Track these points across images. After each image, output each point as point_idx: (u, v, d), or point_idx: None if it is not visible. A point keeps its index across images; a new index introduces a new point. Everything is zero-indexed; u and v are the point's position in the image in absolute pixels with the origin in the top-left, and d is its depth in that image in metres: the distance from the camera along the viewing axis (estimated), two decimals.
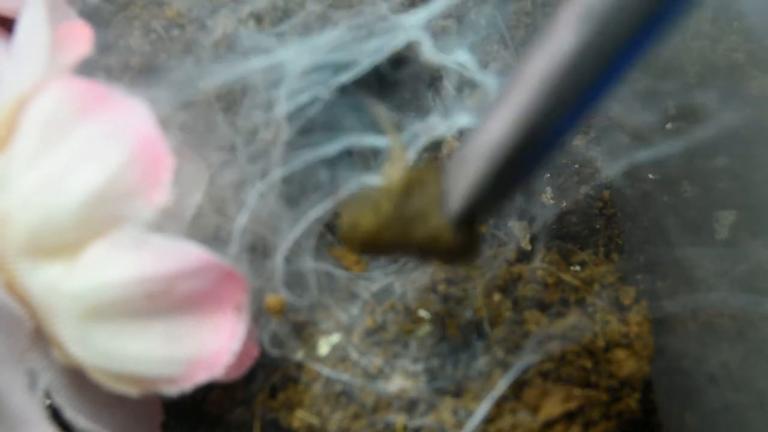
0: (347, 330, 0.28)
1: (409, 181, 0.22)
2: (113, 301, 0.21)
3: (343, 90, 0.29)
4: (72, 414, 0.23)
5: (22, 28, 0.24)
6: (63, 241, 0.21)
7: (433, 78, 0.33)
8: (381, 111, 0.29)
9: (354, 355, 0.27)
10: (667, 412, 0.30)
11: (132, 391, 0.23)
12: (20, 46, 0.24)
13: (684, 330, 0.29)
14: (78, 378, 0.23)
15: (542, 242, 0.32)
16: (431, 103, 0.33)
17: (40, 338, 0.23)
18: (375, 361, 0.27)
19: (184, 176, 0.27)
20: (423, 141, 0.29)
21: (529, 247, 0.32)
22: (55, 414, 0.24)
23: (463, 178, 0.20)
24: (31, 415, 0.23)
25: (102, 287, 0.21)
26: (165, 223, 0.23)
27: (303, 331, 0.28)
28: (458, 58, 0.29)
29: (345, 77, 0.28)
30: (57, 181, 0.21)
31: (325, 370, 0.27)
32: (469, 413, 0.26)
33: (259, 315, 0.27)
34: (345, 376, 0.27)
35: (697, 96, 0.29)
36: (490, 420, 0.26)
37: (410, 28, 0.28)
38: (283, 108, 0.27)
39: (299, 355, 0.28)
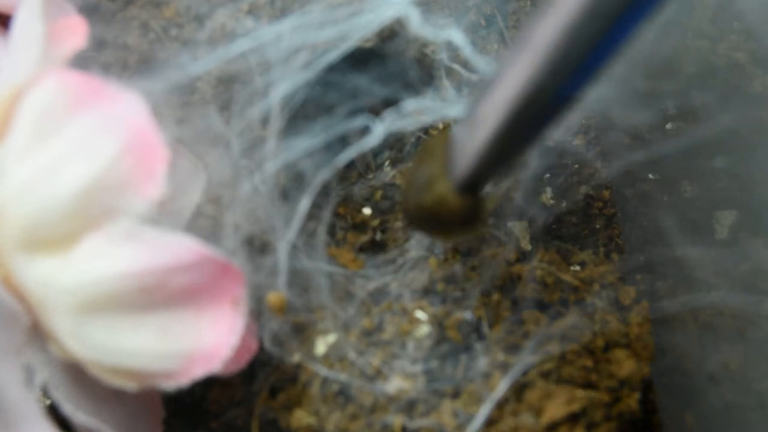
0: (344, 330, 0.28)
1: (421, 150, 0.23)
2: (107, 295, 0.21)
3: (332, 68, 0.29)
4: (71, 409, 0.23)
5: (18, 23, 0.24)
6: (57, 234, 0.21)
7: (423, 54, 0.33)
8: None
9: (351, 354, 0.27)
10: (667, 412, 0.30)
11: (129, 385, 0.23)
12: (16, 39, 0.24)
13: (684, 330, 0.29)
14: (77, 373, 0.23)
15: (542, 242, 0.32)
16: (419, 78, 0.33)
17: (38, 334, 0.23)
18: (372, 361, 0.27)
19: (183, 177, 0.27)
20: (413, 122, 0.29)
21: (528, 247, 0.32)
22: (53, 410, 0.24)
23: (468, 144, 0.21)
24: (28, 412, 0.23)
25: (96, 281, 0.21)
26: (164, 222, 0.22)
27: (301, 329, 0.28)
28: (450, 37, 0.28)
29: (333, 55, 0.28)
30: (51, 174, 0.21)
31: (323, 370, 0.27)
32: (470, 415, 0.26)
33: (258, 312, 0.27)
34: (342, 376, 0.27)
35: (697, 96, 0.29)
36: (491, 423, 0.26)
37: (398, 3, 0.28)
38: (275, 95, 0.27)
39: (297, 355, 0.27)
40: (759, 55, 0.27)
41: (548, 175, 0.34)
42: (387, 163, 0.34)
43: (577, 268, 0.31)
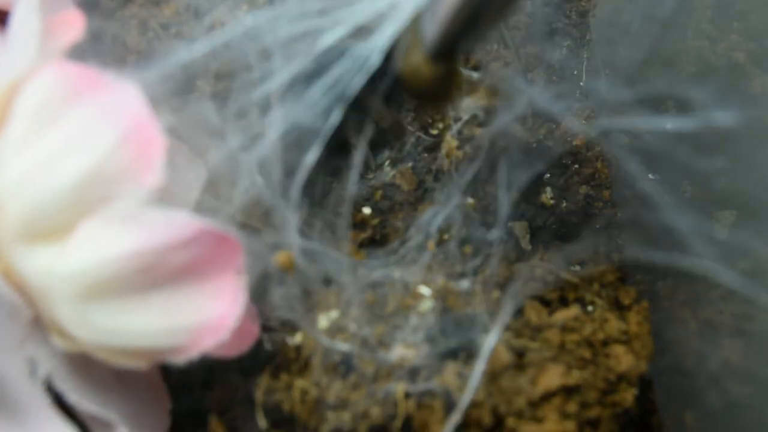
0: (346, 306, 0.27)
1: (408, 26, 0.25)
2: (108, 278, 0.21)
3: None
4: (76, 399, 0.23)
5: (16, 17, 0.24)
6: (56, 225, 0.21)
7: None
8: None
9: (353, 327, 0.27)
10: (667, 412, 0.30)
11: (139, 364, 0.23)
12: (14, 33, 0.24)
13: (684, 329, 0.29)
14: (80, 363, 0.23)
15: (542, 242, 0.32)
16: None
17: (40, 326, 0.23)
18: (375, 331, 0.27)
19: (182, 172, 0.27)
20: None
21: (529, 247, 0.32)
22: (58, 402, 0.24)
23: (436, 14, 0.22)
24: (35, 403, 0.23)
25: (96, 265, 0.21)
26: None
27: (303, 305, 0.28)
28: None
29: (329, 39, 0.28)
30: (49, 165, 0.21)
31: (325, 341, 0.27)
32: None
33: (260, 292, 0.27)
34: (344, 347, 0.27)
35: (697, 95, 0.29)
36: (493, 378, 0.26)
37: None
38: (273, 85, 0.27)
39: (299, 334, 0.27)
40: (759, 55, 0.27)
41: (548, 175, 0.34)
42: (387, 163, 0.34)
43: (577, 267, 0.31)
